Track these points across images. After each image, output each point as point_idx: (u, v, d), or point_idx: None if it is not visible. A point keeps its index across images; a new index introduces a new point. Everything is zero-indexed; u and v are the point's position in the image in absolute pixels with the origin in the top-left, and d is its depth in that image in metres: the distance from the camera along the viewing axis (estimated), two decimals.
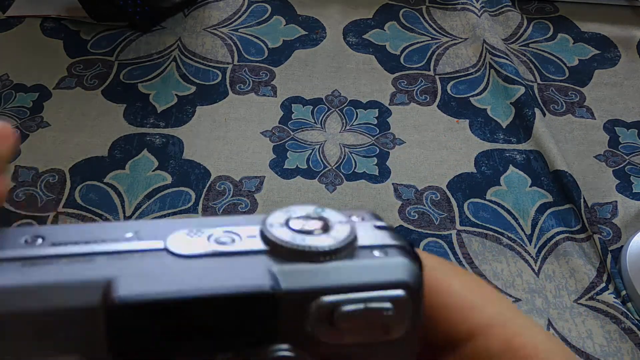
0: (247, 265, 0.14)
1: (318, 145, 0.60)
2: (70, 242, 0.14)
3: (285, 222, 0.15)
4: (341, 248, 0.14)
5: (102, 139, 0.59)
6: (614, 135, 0.63)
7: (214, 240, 0.15)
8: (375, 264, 0.15)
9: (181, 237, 0.14)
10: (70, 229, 0.15)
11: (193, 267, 0.14)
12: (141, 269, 0.14)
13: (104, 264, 0.14)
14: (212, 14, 0.74)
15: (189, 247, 0.14)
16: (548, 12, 0.77)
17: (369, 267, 0.14)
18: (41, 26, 0.71)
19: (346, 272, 0.14)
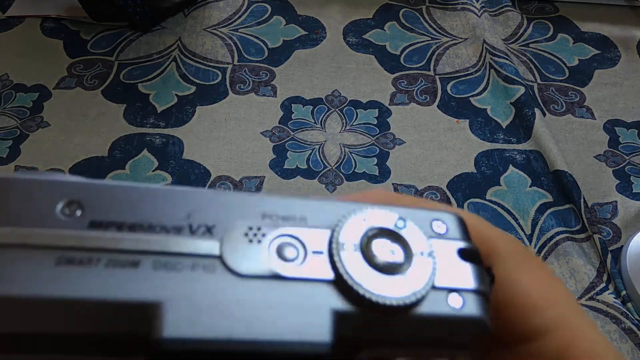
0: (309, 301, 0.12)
1: (318, 145, 0.60)
2: (114, 222, 0.12)
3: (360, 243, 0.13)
4: (416, 302, 0.13)
5: (102, 139, 0.59)
6: (614, 135, 0.63)
7: (276, 251, 0.13)
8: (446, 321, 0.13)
9: (240, 239, 0.13)
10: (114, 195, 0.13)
11: (248, 298, 0.12)
12: (191, 294, 0.12)
13: (150, 277, 0.12)
14: (212, 14, 0.74)
15: (247, 260, 0.12)
16: (548, 12, 0.77)
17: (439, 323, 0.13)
18: (41, 26, 0.71)
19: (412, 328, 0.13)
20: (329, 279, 0.13)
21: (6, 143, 0.58)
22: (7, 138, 0.59)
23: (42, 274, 0.11)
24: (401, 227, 0.14)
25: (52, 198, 0.12)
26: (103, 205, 0.12)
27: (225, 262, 0.12)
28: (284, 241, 0.13)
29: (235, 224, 0.13)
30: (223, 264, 0.12)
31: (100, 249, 0.12)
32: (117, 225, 0.12)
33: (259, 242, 0.13)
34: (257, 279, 0.12)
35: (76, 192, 0.12)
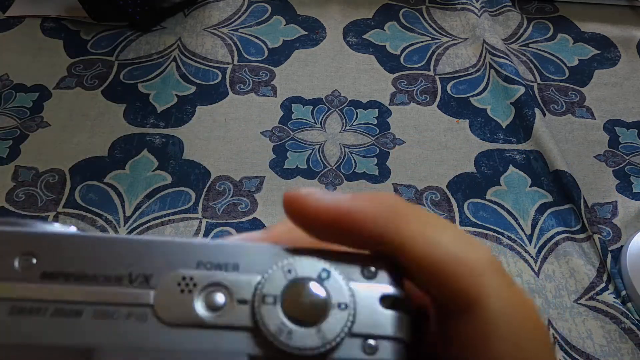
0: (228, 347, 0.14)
1: (318, 145, 0.60)
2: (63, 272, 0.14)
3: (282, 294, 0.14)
4: (326, 352, 0.14)
5: (102, 139, 0.59)
6: (614, 135, 0.63)
7: (204, 300, 0.14)
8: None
9: (172, 289, 0.14)
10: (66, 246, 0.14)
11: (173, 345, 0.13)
12: (122, 341, 0.13)
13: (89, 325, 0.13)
14: (212, 14, 0.74)
15: (176, 309, 0.14)
16: (548, 12, 0.77)
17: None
18: (41, 26, 0.71)
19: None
20: (249, 326, 0.14)
21: (6, 143, 0.58)
22: (7, 138, 0.59)
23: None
24: (324, 277, 0.14)
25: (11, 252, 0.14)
26: (54, 256, 0.14)
27: (156, 311, 0.14)
28: (213, 290, 0.14)
29: (170, 274, 0.14)
30: (154, 313, 0.14)
31: (48, 300, 0.14)
32: (65, 275, 0.14)
33: (189, 292, 0.14)
34: (183, 327, 0.14)
35: (32, 244, 0.14)
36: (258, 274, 0.14)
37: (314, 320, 0.14)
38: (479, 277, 0.14)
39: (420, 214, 0.15)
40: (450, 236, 0.15)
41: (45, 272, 0.14)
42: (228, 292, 0.14)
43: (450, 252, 0.15)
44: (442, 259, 0.14)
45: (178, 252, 0.14)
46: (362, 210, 0.15)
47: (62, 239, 0.14)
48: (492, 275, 0.15)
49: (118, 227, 0.52)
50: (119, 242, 0.14)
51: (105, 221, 0.53)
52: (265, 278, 0.14)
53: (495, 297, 0.14)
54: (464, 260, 0.15)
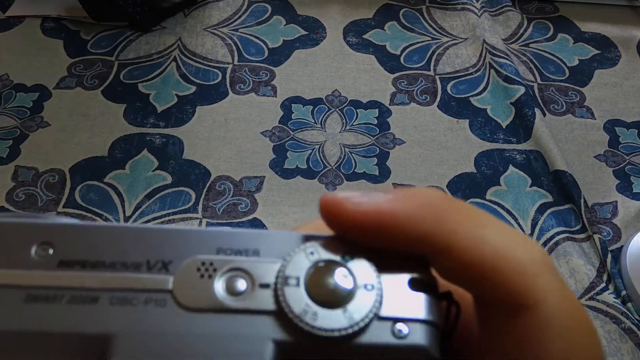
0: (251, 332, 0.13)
1: (318, 145, 0.60)
2: (80, 261, 0.14)
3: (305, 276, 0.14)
4: (354, 333, 0.13)
5: (102, 139, 0.59)
6: (614, 135, 0.63)
7: (224, 286, 0.14)
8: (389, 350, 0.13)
9: (192, 274, 0.14)
10: (82, 236, 0.14)
11: (193, 330, 0.13)
12: (142, 326, 0.13)
13: (106, 312, 0.13)
14: (212, 14, 0.74)
15: (196, 294, 0.13)
16: (548, 12, 0.77)
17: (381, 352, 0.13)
18: (41, 26, 0.71)
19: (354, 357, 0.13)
20: (272, 310, 0.13)
21: (6, 143, 0.58)
22: (7, 138, 0.59)
23: (13, 309, 0.13)
24: (348, 260, 0.14)
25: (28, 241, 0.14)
26: (71, 245, 0.14)
27: (176, 296, 0.13)
28: (234, 275, 0.14)
29: (190, 260, 0.14)
30: (174, 298, 0.13)
31: (64, 287, 0.13)
32: (81, 263, 0.14)
33: (209, 277, 0.14)
34: (204, 312, 0.13)
35: (49, 234, 0.14)
36: (279, 259, 0.14)
37: (339, 301, 0.13)
38: (534, 278, 0.14)
39: (466, 211, 0.15)
40: (501, 234, 0.14)
41: (62, 260, 0.14)
42: (249, 276, 0.14)
43: (502, 252, 0.14)
44: (494, 259, 0.14)
45: (197, 239, 0.14)
46: (404, 212, 0.14)
47: (79, 229, 0.14)
48: (547, 276, 0.14)
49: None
50: (136, 231, 0.14)
51: (105, 221, 0.53)
52: (288, 260, 0.14)
53: (551, 298, 0.14)
54: (517, 260, 0.14)
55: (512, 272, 0.14)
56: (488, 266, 0.14)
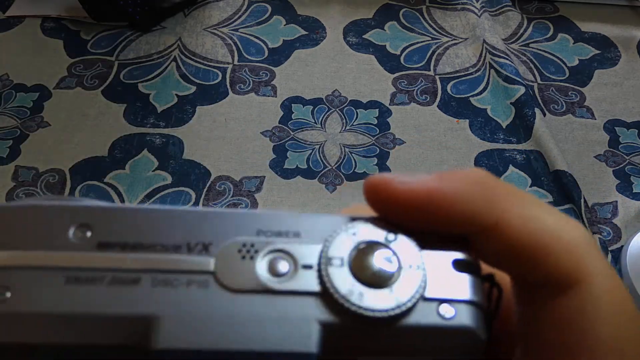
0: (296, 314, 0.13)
1: (318, 145, 0.60)
2: (119, 243, 0.13)
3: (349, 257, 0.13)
4: (400, 314, 0.13)
5: (102, 139, 0.59)
6: (614, 135, 0.63)
7: (267, 267, 0.13)
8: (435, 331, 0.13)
9: (233, 255, 0.13)
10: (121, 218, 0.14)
11: (238, 311, 0.13)
12: (185, 309, 0.13)
13: (149, 293, 0.13)
14: (212, 14, 0.74)
15: (239, 275, 0.13)
16: (548, 12, 0.77)
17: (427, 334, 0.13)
18: (41, 26, 0.71)
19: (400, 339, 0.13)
20: (317, 291, 0.13)
21: (6, 143, 0.58)
22: (7, 138, 0.59)
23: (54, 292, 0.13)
24: (391, 240, 0.14)
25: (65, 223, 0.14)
26: (110, 227, 0.14)
27: (218, 278, 0.13)
28: (276, 256, 0.14)
29: (231, 241, 0.14)
30: (216, 280, 0.13)
31: (105, 269, 0.13)
32: (121, 245, 0.13)
33: (251, 259, 0.13)
34: (248, 293, 0.13)
35: (86, 216, 0.14)
36: (321, 241, 0.14)
37: (385, 282, 0.13)
38: (583, 257, 0.14)
39: (514, 191, 0.15)
40: (549, 214, 0.14)
41: (100, 242, 0.13)
42: (291, 258, 0.14)
43: (551, 230, 0.14)
44: (544, 237, 0.14)
45: (236, 221, 0.14)
46: (453, 190, 0.14)
47: (117, 211, 0.14)
48: (595, 257, 0.14)
49: None
50: (175, 214, 0.14)
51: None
52: (330, 241, 0.14)
53: (599, 279, 0.14)
54: (566, 239, 0.14)
55: (561, 251, 0.14)
56: (538, 244, 0.14)
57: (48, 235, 0.13)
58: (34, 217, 0.14)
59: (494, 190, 0.14)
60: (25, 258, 0.13)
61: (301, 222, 0.14)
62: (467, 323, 0.13)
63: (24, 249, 0.13)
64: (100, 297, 0.13)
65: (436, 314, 0.13)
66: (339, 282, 0.13)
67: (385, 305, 0.13)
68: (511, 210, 0.14)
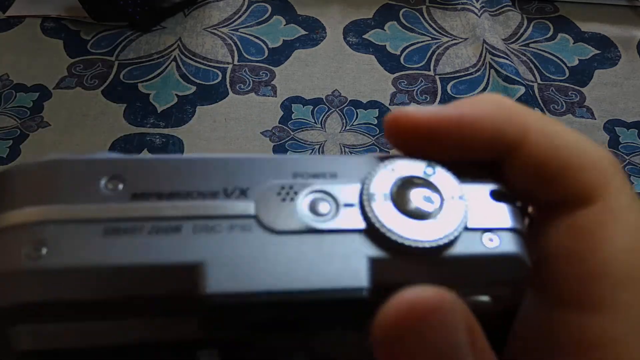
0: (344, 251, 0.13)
1: (318, 145, 0.60)
2: (154, 192, 0.13)
3: (390, 192, 0.13)
4: (447, 244, 0.13)
5: (102, 139, 0.59)
6: (614, 135, 0.63)
7: (309, 207, 0.13)
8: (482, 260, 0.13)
9: (273, 198, 0.13)
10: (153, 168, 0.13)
11: (284, 252, 0.13)
12: (230, 252, 0.12)
13: (191, 240, 0.13)
14: (212, 14, 0.74)
15: (281, 217, 0.13)
16: (548, 12, 0.77)
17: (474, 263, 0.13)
18: (41, 26, 0.71)
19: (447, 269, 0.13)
20: (362, 228, 0.13)
21: (6, 143, 0.58)
22: (7, 138, 0.59)
23: (93, 244, 0.12)
24: (430, 174, 0.14)
25: (96, 175, 0.13)
26: (143, 177, 0.13)
27: (261, 220, 0.13)
28: (316, 197, 0.13)
29: (268, 184, 0.13)
30: (258, 222, 0.13)
31: (143, 218, 0.13)
32: (156, 195, 0.13)
33: (291, 200, 0.13)
34: (292, 234, 0.13)
35: (117, 167, 0.13)
36: (359, 181, 0.14)
37: (429, 213, 0.13)
38: (606, 174, 0.14)
39: (531, 111, 0.15)
40: (571, 132, 0.15)
41: (135, 193, 0.13)
42: (332, 197, 0.14)
43: (575, 146, 0.14)
44: (569, 152, 0.14)
45: (272, 165, 0.14)
46: (477, 113, 0.14)
47: (147, 161, 0.14)
48: (618, 175, 0.14)
49: None
50: (206, 161, 0.14)
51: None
52: (370, 178, 0.14)
53: (621, 195, 0.14)
54: (590, 155, 0.14)
55: (586, 166, 0.14)
56: (563, 158, 0.14)
57: (78, 188, 0.13)
58: (62, 171, 0.13)
59: (515, 110, 0.15)
60: (58, 212, 0.12)
61: (337, 163, 0.14)
62: (513, 250, 0.13)
63: (56, 203, 0.13)
64: (142, 247, 0.12)
65: (480, 242, 0.13)
66: (384, 216, 0.13)
67: (432, 236, 0.13)
68: (534, 128, 0.14)
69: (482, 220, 0.14)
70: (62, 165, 0.13)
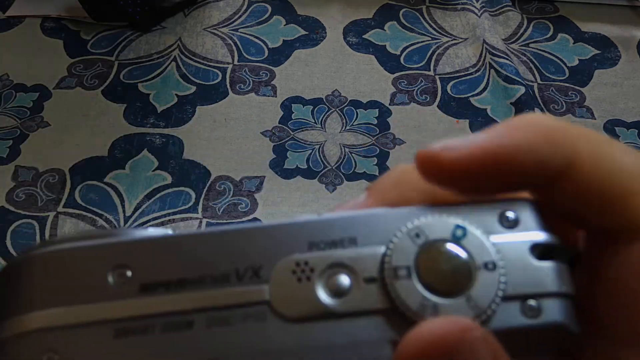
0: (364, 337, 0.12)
1: (318, 145, 0.60)
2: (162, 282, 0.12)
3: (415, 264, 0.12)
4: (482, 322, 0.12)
5: (102, 139, 0.59)
6: (614, 135, 0.63)
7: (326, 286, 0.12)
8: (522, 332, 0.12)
9: (287, 278, 0.12)
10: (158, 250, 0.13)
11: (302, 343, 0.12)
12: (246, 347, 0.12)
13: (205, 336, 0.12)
14: (212, 14, 0.74)
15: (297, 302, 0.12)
16: (548, 12, 0.77)
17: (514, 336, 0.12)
18: (41, 26, 0.71)
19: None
20: (384, 308, 0.12)
21: (6, 143, 0.58)
22: (7, 138, 0.59)
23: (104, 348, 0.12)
24: (460, 236, 0.12)
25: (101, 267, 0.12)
26: (149, 263, 0.13)
27: (275, 307, 0.12)
28: (334, 273, 0.12)
29: (282, 262, 0.13)
30: (272, 310, 0.12)
31: (154, 315, 0.12)
32: (165, 285, 0.12)
33: (308, 280, 0.12)
34: (309, 321, 0.12)
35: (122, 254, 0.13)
36: (381, 245, 0.12)
37: (460, 288, 0.12)
38: None
39: (583, 131, 0.13)
40: (625, 153, 0.13)
41: (143, 284, 0.12)
42: (351, 271, 0.12)
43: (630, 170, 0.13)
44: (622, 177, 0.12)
45: (284, 235, 0.13)
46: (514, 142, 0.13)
47: (154, 243, 0.13)
48: None
49: (118, 227, 0.52)
50: (216, 237, 0.13)
51: (105, 221, 0.53)
52: (392, 248, 0.12)
53: None
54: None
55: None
56: (616, 185, 0.13)
57: (86, 285, 0.12)
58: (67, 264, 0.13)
59: (560, 132, 0.13)
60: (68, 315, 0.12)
61: (355, 225, 0.13)
62: (558, 319, 0.12)
63: (66, 305, 0.12)
64: (155, 348, 0.12)
65: (520, 313, 0.12)
66: (409, 296, 0.12)
67: (464, 315, 0.12)
68: (583, 151, 0.13)
69: (523, 285, 0.12)
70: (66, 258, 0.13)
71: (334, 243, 0.13)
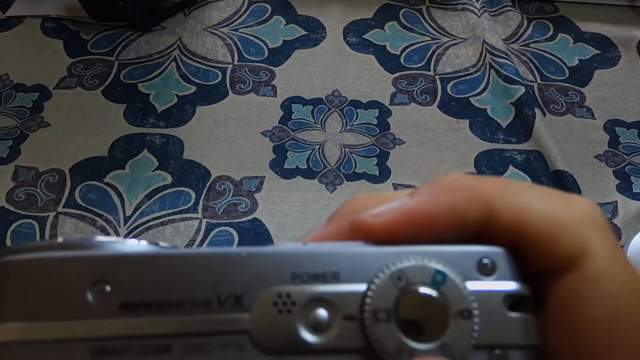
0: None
1: (318, 145, 0.60)
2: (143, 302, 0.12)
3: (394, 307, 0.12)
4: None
5: (102, 139, 0.59)
6: (614, 135, 0.63)
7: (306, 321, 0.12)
8: None
9: (268, 310, 0.12)
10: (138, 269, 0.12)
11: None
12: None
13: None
14: (212, 14, 0.74)
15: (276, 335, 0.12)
16: (548, 12, 0.77)
17: None
18: (41, 26, 0.71)
19: None
20: (361, 347, 0.12)
21: (6, 143, 0.58)
22: (7, 138, 0.59)
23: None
24: (440, 281, 0.13)
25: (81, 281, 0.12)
26: (129, 281, 0.12)
27: (255, 338, 0.12)
28: (314, 307, 0.13)
29: (264, 292, 0.12)
30: (252, 341, 0.12)
31: (132, 336, 0.12)
32: (145, 305, 0.12)
33: (289, 312, 0.12)
34: (287, 355, 0.12)
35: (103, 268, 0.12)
36: (362, 283, 0.13)
37: (436, 333, 0.12)
38: (581, 237, 0.13)
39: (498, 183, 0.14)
40: (540, 197, 0.14)
41: (123, 302, 0.12)
42: (332, 307, 0.13)
43: (544, 215, 0.13)
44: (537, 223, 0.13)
45: (268, 264, 0.13)
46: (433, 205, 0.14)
47: (135, 260, 0.13)
48: (596, 236, 0.13)
49: (118, 227, 0.52)
50: (200, 259, 0.13)
51: (105, 221, 0.53)
52: (373, 289, 0.13)
53: (599, 259, 0.13)
54: (562, 221, 0.13)
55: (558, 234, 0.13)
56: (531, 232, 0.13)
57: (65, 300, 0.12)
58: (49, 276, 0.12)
59: (476, 189, 0.14)
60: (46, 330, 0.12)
61: (339, 260, 0.13)
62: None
63: (45, 320, 0.12)
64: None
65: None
66: (387, 339, 0.12)
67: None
68: (498, 202, 0.14)
69: (493, 336, 0.13)
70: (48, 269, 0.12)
71: (316, 277, 0.13)
